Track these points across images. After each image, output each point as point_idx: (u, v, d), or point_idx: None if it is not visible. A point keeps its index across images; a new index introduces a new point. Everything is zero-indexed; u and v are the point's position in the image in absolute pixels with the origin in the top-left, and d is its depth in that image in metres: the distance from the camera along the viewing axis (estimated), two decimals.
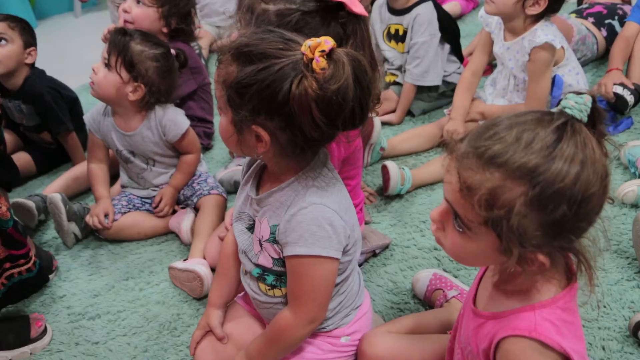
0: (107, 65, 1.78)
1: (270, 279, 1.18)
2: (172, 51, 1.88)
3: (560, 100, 0.85)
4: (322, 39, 0.97)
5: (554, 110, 0.84)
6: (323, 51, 0.96)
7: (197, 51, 2.50)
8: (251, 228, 1.19)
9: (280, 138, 1.03)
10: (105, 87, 1.79)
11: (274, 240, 1.12)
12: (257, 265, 1.18)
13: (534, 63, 1.94)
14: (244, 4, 1.33)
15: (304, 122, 0.99)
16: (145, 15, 2.13)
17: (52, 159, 2.38)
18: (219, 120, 1.12)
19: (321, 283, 1.11)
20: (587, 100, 0.82)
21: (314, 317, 1.15)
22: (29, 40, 2.22)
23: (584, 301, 0.90)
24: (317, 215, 1.06)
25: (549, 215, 0.80)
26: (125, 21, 2.14)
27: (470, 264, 1.18)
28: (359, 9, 1.26)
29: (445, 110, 2.22)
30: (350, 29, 1.29)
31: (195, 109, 2.33)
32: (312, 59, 0.97)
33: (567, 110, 0.82)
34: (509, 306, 0.91)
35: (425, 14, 2.23)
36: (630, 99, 2.05)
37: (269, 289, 1.20)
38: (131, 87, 1.79)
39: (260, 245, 1.15)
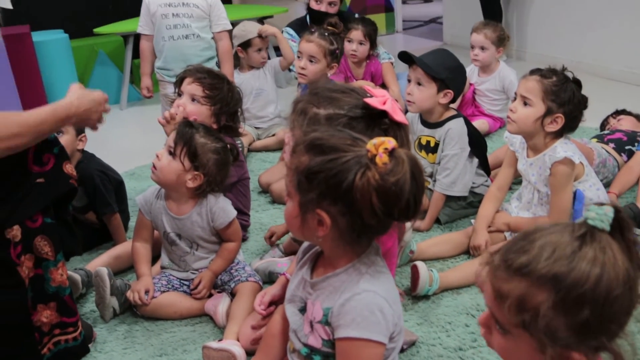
0: (172, 153, 1.94)
1: (317, 358, 1.26)
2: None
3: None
4: (386, 138, 1.11)
5: (578, 222, 0.93)
6: (386, 149, 1.10)
7: (240, 147, 2.68)
8: (303, 310, 1.28)
9: (340, 223, 1.15)
10: (167, 172, 1.94)
11: (326, 322, 1.21)
12: (306, 345, 1.27)
13: (555, 177, 2.08)
14: (297, 108, 1.48)
15: (363, 208, 1.11)
16: (199, 112, 2.30)
17: (95, 238, 2.49)
18: (286, 206, 1.24)
19: None
20: (609, 211, 0.91)
21: None
22: (80, 128, 2.40)
23: None
24: (370, 301, 1.16)
25: (574, 318, 0.88)
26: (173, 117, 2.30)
27: None
28: (400, 117, 1.38)
29: (473, 220, 2.34)
30: (391, 135, 1.43)
31: (234, 201, 2.46)
32: (376, 155, 1.10)
33: (589, 222, 0.91)
34: None
35: (457, 128, 2.40)
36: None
37: None
38: (191, 176, 1.94)
39: (311, 326, 1.25)
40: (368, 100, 1.34)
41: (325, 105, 1.39)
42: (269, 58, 3.71)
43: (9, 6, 1.90)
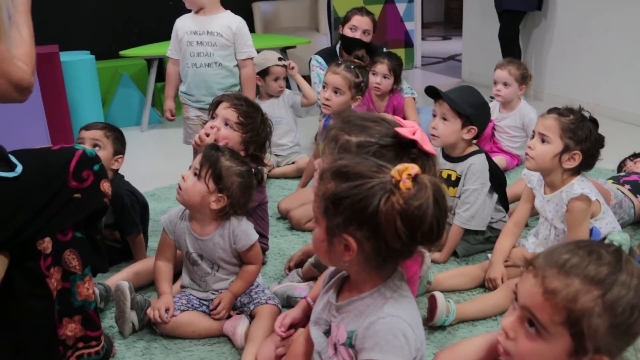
0: (197, 175, 1.99)
1: None
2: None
3: (605, 237, 1.03)
4: (410, 165, 1.14)
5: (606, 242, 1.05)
6: (409, 174, 1.13)
7: None
8: (327, 332, 1.31)
9: (366, 247, 1.18)
10: (192, 194, 1.99)
11: (350, 345, 1.23)
12: None
13: (571, 213, 2.11)
14: (330, 135, 1.52)
15: (388, 232, 1.14)
16: (230, 137, 2.34)
17: (116, 256, 2.53)
18: (313, 232, 1.27)
19: None
20: (629, 237, 1.00)
21: None
22: (119, 148, 2.47)
23: None
24: (394, 326, 1.19)
25: (616, 320, 0.97)
26: (207, 135, 2.36)
27: None
28: (429, 147, 1.41)
29: (489, 255, 2.36)
30: (419, 164, 1.46)
31: (254, 225, 2.50)
32: (400, 180, 1.13)
33: (615, 242, 1.00)
34: None
35: (479, 163, 2.43)
36: None
37: None
38: (215, 197, 1.98)
39: (335, 348, 1.27)
40: (399, 129, 1.38)
41: (356, 132, 1.42)
42: (289, 87, 3.78)
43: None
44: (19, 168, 1.55)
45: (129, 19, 5.95)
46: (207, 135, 2.33)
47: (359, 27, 3.76)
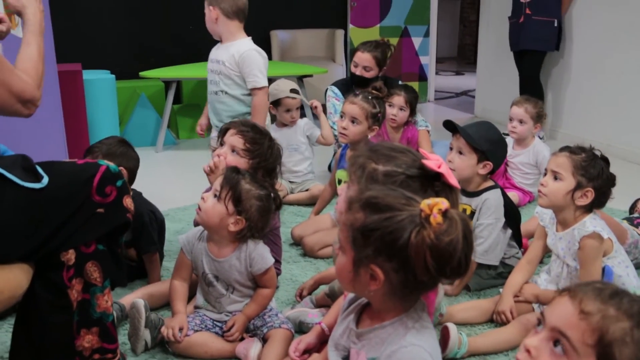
0: (217, 196, 2.02)
1: None
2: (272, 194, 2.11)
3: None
4: (440, 199, 1.17)
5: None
6: (440, 209, 1.16)
7: None
8: (346, 358, 1.33)
9: (393, 278, 1.20)
10: (211, 215, 2.02)
11: None
12: None
13: (583, 251, 2.12)
14: (357, 162, 1.55)
15: (417, 266, 1.16)
16: (237, 164, 2.31)
17: (130, 274, 2.53)
18: (337, 260, 1.28)
19: None
20: None
21: None
22: (133, 165, 2.51)
23: None
24: (415, 355, 1.20)
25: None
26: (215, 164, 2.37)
27: None
28: (454, 181, 1.44)
29: (501, 289, 2.38)
30: (443, 196, 1.48)
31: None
32: (430, 215, 1.16)
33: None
34: None
35: (494, 199, 2.46)
36: None
37: None
38: (233, 220, 2.01)
39: None
40: (425, 162, 1.41)
41: (383, 162, 1.45)
42: (303, 116, 3.83)
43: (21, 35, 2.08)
44: (45, 179, 1.57)
45: (150, 41, 6.06)
46: (217, 166, 2.35)
47: (359, 63, 3.82)
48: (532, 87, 5.02)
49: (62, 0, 5.37)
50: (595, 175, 2.10)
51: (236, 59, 3.17)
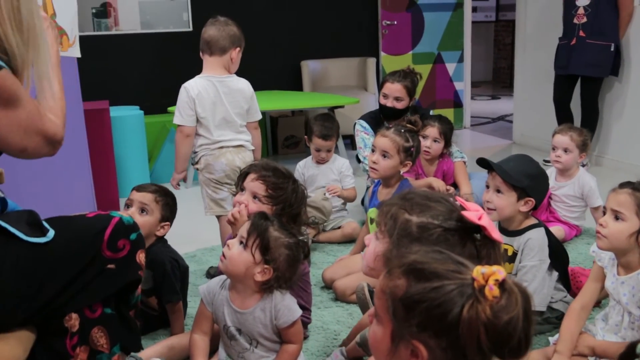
0: (244, 244, 1.88)
1: None
2: None
3: None
4: (496, 268, 1.00)
5: None
6: (497, 280, 0.99)
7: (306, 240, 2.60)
8: None
9: (438, 357, 1.03)
10: (237, 263, 1.88)
11: None
12: None
13: None
14: (389, 212, 1.40)
15: (468, 345, 0.99)
16: (260, 211, 2.17)
17: (152, 324, 2.43)
18: (372, 329, 1.13)
19: None
20: None
21: None
22: (167, 215, 2.40)
23: None
24: None
25: None
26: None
27: None
28: (497, 235, 1.31)
29: (551, 339, 2.18)
30: (484, 252, 1.32)
31: (294, 297, 2.37)
32: (484, 286, 0.99)
33: None
34: None
35: (538, 238, 2.27)
36: None
37: None
38: (260, 269, 1.87)
39: None
40: (465, 213, 1.26)
41: (417, 212, 1.31)
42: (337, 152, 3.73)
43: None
44: (51, 233, 1.49)
45: (178, 75, 6.02)
46: (239, 213, 2.18)
47: (389, 94, 3.68)
48: (588, 113, 4.79)
49: (88, 38, 5.39)
50: None
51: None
